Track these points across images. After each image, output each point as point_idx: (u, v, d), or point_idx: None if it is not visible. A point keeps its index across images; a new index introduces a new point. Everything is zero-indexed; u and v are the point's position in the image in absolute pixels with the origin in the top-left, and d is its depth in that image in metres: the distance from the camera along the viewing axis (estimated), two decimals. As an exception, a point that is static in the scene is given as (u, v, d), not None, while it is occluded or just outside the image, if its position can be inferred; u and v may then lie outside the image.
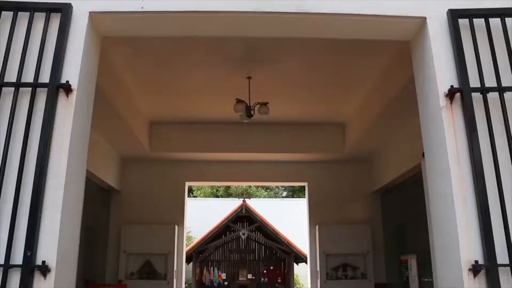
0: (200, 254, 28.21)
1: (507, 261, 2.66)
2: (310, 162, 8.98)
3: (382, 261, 8.72)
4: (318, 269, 8.48)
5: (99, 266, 8.40)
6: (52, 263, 2.54)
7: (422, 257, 7.17)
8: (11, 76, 2.87)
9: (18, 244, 2.56)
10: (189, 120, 8.24)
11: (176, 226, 8.56)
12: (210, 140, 8.38)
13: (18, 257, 2.54)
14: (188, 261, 26.27)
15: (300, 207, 20.79)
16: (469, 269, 2.65)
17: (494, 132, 2.87)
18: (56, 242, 2.58)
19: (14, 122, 2.77)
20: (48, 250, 2.56)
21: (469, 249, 2.69)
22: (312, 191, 9.05)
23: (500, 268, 2.64)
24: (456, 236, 2.73)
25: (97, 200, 8.36)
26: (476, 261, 2.65)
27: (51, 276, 2.53)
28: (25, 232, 2.56)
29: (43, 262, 2.52)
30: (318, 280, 8.46)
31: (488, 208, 2.73)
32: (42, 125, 2.74)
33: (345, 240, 8.49)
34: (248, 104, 6.20)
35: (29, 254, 2.51)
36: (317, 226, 8.63)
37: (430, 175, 3.20)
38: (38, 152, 2.69)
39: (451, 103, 2.94)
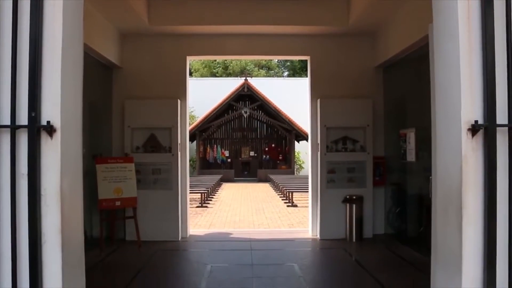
0: (203, 132, 28.99)
1: (506, 122, 2.68)
2: (313, 36, 8.75)
3: (382, 134, 8.91)
4: (319, 141, 8.68)
5: (105, 141, 8.63)
6: (57, 123, 2.58)
7: (420, 131, 7.32)
8: None
9: (22, 107, 2.57)
10: (187, -9, 7.88)
11: (178, 101, 8.61)
12: (210, 13, 8.09)
13: (24, 120, 2.57)
14: (191, 140, 27.09)
15: (302, 86, 20.77)
16: (468, 129, 2.68)
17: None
18: (59, 103, 2.59)
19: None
20: (51, 111, 2.58)
21: (471, 110, 2.69)
22: (314, 65, 8.94)
23: (498, 129, 2.67)
24: (459, 97, 2.71)
25: (99, 76, 8.32)
26: (476, 121, 2.67)
27: (57, 135, 2.58)
28: (27, 95, 2.56)
29: (48, 122, 2.56)
30: (318, 153, 8.72)
31: (494, 70, 2.68)
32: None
33: (346, 113, 8.59)
34: (249, -30, 5.86)
35: (33, 115, 2.54)
36: (318, 100, 8.68)
37: (437, 38, 3.09)
38: (31, 16, 2.57)
39: (466, -41, 2.74)
